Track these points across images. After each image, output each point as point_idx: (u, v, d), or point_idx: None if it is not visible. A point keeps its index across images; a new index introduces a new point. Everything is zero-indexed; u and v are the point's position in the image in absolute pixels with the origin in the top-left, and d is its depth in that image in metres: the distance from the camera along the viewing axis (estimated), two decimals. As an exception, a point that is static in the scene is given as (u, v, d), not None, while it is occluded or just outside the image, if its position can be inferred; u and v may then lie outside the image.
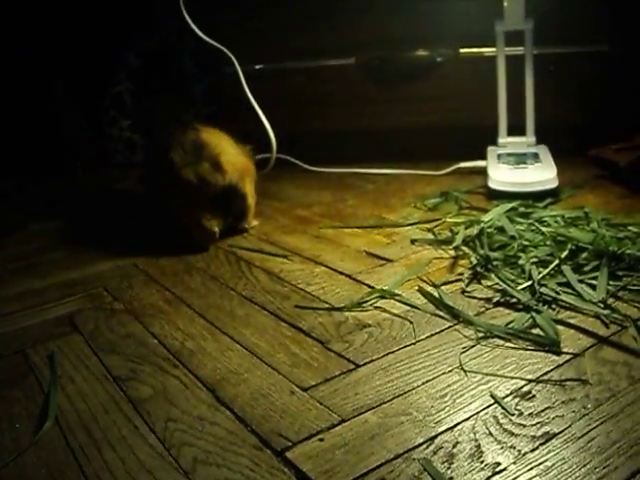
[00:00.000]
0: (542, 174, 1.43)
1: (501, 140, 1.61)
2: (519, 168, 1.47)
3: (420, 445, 0.66)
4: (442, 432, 0.67)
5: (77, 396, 0.79)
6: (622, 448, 0.63)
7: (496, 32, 1.57)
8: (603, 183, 1.51)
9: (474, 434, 0.67)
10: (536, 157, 1.51)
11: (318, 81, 1.84)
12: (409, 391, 0.75)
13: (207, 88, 2.06)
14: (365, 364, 0.81)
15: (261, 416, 0.72)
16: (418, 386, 0.76)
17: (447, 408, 0.71)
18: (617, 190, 1.46)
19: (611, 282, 0.97)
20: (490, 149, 1.60)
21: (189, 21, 1.70)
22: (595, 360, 0.79)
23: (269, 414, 0.73)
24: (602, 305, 0.91)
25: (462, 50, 1.76)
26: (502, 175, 1.44)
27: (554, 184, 1.41)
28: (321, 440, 0.67)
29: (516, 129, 1.61)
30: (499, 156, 1.54)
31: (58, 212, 1.65)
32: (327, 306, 0.98)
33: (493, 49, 1.59)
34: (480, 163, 1.58)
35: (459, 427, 0.68)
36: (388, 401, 0.73)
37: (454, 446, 0.65)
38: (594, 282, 0.97)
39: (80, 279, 1.18)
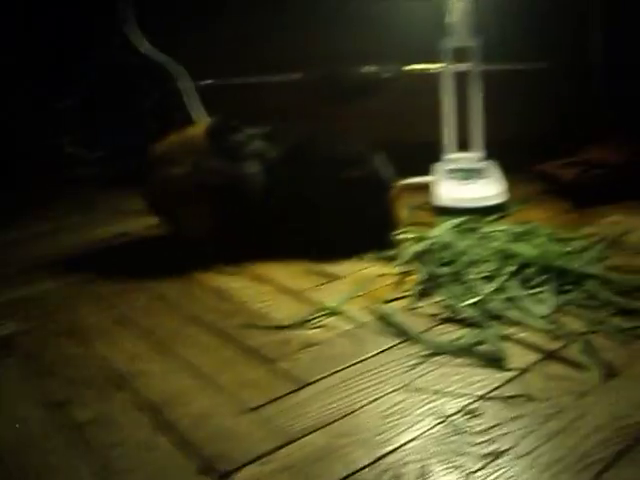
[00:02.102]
0: (489, 189, 1.44)
1: (449, 156, 1.62)
2: (467, 184, 1.47)
3: (367, 466, 0.65)
4: (389, 452, 0.66)
5: (15, 421, 0.77)
6: (568, 465, 0.63)
7: (443, 49, 1.58)
8: (549, 198, 1.53)
9: (421, 454, 0.66)
10: (484, 172, 1.52)
11: (268, 97, 1.83)
12: (356, 410, 0.74)
13: (156, 104, 2.03)
14: (312, 383, 0.80)
15: (205, 439, 0.71)
16: (365, 405, 0.75)
17: (394, 428, 0.70)
18: (562, 205, 1.48)
19: (557, 297, 0.98)
20: (438, 165, 1.60)
21: (140, 36, 1.68)
22: (542, 375, 0.79)
23: (213, 436, 0.71)
24: (548, 320, 0.91)
25: (409, 66, 1.77)
26: (450, 191, 1.45)
27: (501, 199, 1.42)
28: (266, 463, 0.66)
29: (464, 145, 1.62)
30: (447, 172, 1.55)
31: (6, 228, 1.60)
32: (274, 324, 0.97)
33: (440, 65, 1.60)
34: (428, 179, 1.59)
35: (406, 447, 0.67)
36: (335, 421, 0.72)
37: (401, 467, 0.64)
38: (541, 297, 0.97)
39: (24, 298, 1.14)
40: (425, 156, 1.62)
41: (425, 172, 1.60)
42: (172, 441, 0.71)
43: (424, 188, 1.56)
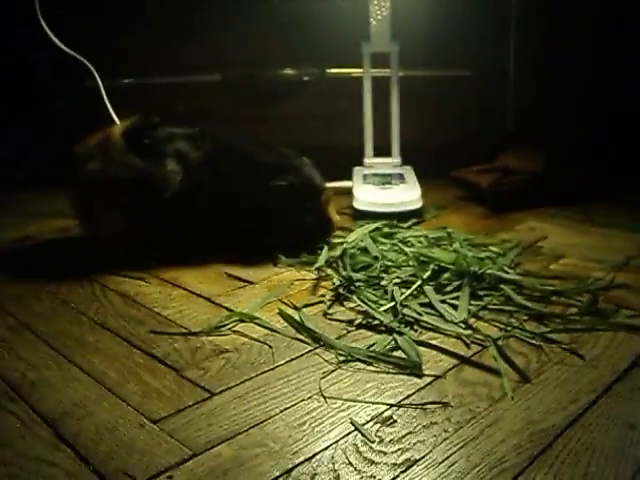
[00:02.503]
0: (406, 194, 1.44)
1: (367, 160, 1.61)
2: (384, 188, 1.47)
3: (277, 478, 0.62)
4: (300, 463, 0.64)
5: None
6: (482, 471, 0.61)
7: (362, 53, 1.58)
8: (465, 204, 1.54)
9: (333, 464, 0.63)
10: (401, 178, 1.52)
11: (188, 98, 1.79)
12: (266, 420, 0.71)
13: (68, 103, 1.96)
14: (221, 392, 0.77)
15: (106, 453, 0.66)
16: (276, 415, 0.72)
17: (305, 437, 0.68)
18: (478, 211, 1.49)
19: (472, 302, 0.97)
20: (356, 169, 1.60)
21: (47, 31, 1.62)
22: (456, 381, 0.78)
23: (115, 450, 0.67)
24: (463, 325, 0.91)
25: (330, 70, 1.76)
26: (367, 195, 1.44)
27: (418, 204, 1.42)
28: (170, 477, 0.62)
29: (384, 150, 1.62)
30: (365, 176, 1.54)
31: None
32: (183, 331, 0.93)
33: (361, 70, 1.60)
34: (347, 183, 1.58)
35: (317, 457, 0.65)
36: (244, 432, 0.69)
37: (312, 478, 0.61)
38: (456, 302, 0.97)
39: None
40: (348, 160, 1.61)
41: (346, 176, 1.59)
42: (71, 457, 0.66)
43: (345, 192, 1.55)
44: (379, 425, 0.70)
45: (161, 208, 1.18)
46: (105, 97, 1.67)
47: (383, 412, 0.72)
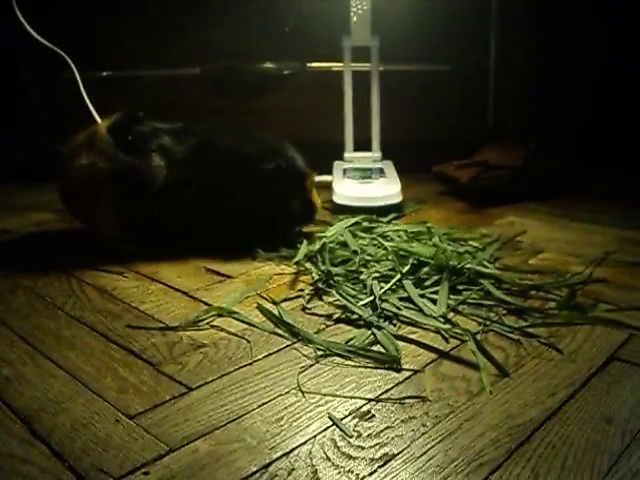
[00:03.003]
0: (386, 189, 1.43)
1: (347, 155, 1.61)
2: (364, 183, 1.47)
3: (253, 474, 0.61)
4: (277, 459, 0.63)
5: None
6: (460, 465, 0.61)
7: (343, 47, 1.57)
8: (445, 199, 1.54)
9: (311, 459, 0.63)
10: (381, 172, 1.52)
11: (168, 90, 1.78)
12: (243, 415, 0.70)
13: (45, 95, 1.94)
14: (198, 387, 0.76)
15: (81, 449, 0.65)
16: (253, 410, 0.71)
17: (283, 432, 0.67)
18: (458, 205, 1.49)
19: (451, 296, 0.97)
20: (336, 164, 1.59)
21: (23, 21, 1.60)
22: (435, 376, 0.78)
23: (90, 447, 0.66)
24: (442, 320, 0.91)
25: (311, 64, 1.75)
26: (347, 189, 1.44)
27: (398, 199, 1.42)
28: (146, 474, 0.61)
29: (364, 144, 1.62)
30: (345, 171, 1.54)
31: None
32: (161, 325, 0.92)
33: (341, 64, 1.59)
34: (327, 178, 1.57)
35: (295, 452, 0.64)
36: (221, 427, 0.68)
37: (289, 473, 0.61)
38: (435, 296, 0.97)
39: None
40: (329, 154, 1.61)
41: (326, 171, 1.59)
42: (46, 453, 0.65)
43: (326, 187, 1.54)
44: (357, 420, 0.69)
45: (149, 202, 1.17)
46: (82, 89, 1.65)
47: (361, 407, 0.72)
